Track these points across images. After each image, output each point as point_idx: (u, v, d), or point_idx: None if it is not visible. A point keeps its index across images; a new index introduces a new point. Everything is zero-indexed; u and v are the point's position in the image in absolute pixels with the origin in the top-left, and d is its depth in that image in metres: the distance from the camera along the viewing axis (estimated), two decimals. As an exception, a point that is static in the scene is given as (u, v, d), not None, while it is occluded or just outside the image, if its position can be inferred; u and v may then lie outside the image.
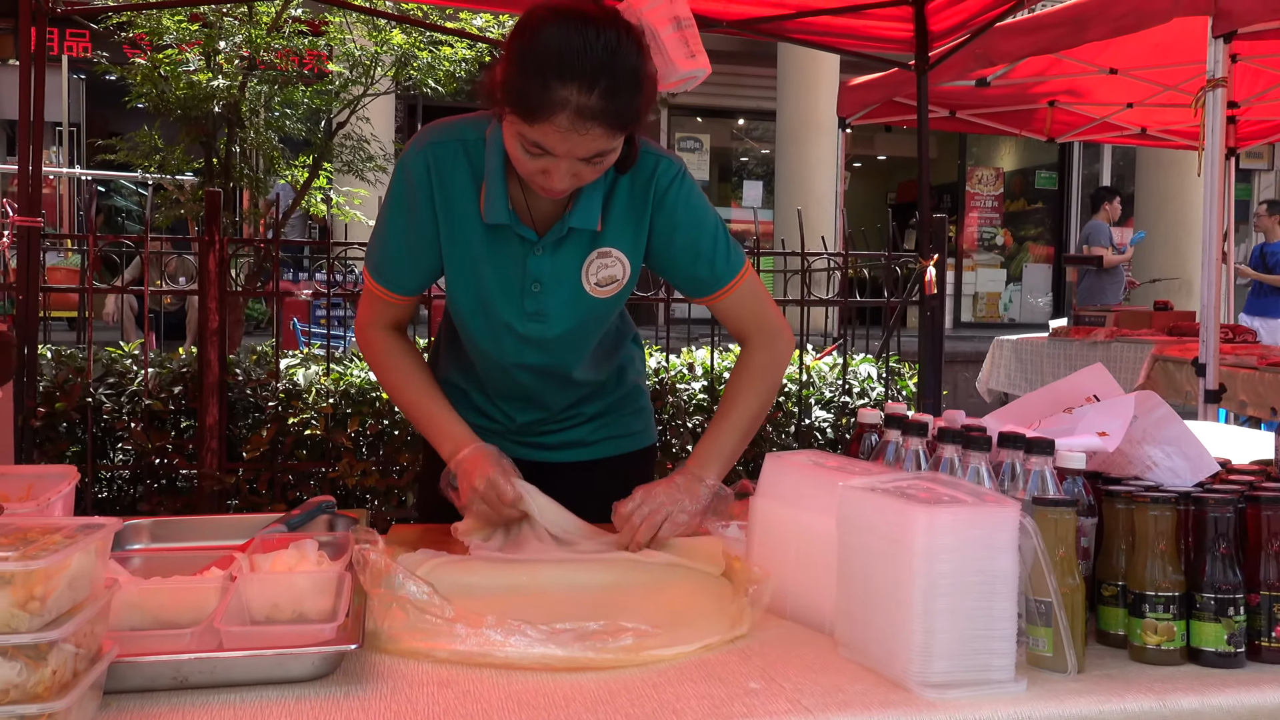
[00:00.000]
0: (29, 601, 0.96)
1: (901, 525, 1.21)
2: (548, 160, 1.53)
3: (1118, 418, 1.47)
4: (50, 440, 4.01)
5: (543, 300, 1.73)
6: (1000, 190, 15.11)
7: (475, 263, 1.72)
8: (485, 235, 1.70)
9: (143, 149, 5.90)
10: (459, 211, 1.70)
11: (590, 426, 1.95)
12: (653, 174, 1.71)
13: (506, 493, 1.67)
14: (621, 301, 1.81)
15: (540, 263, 1.71)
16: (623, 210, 1.72)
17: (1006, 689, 1.19)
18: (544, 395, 1.88)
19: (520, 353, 1.80)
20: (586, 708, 1.13)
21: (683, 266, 1.78)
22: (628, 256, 1.74)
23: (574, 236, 1.71)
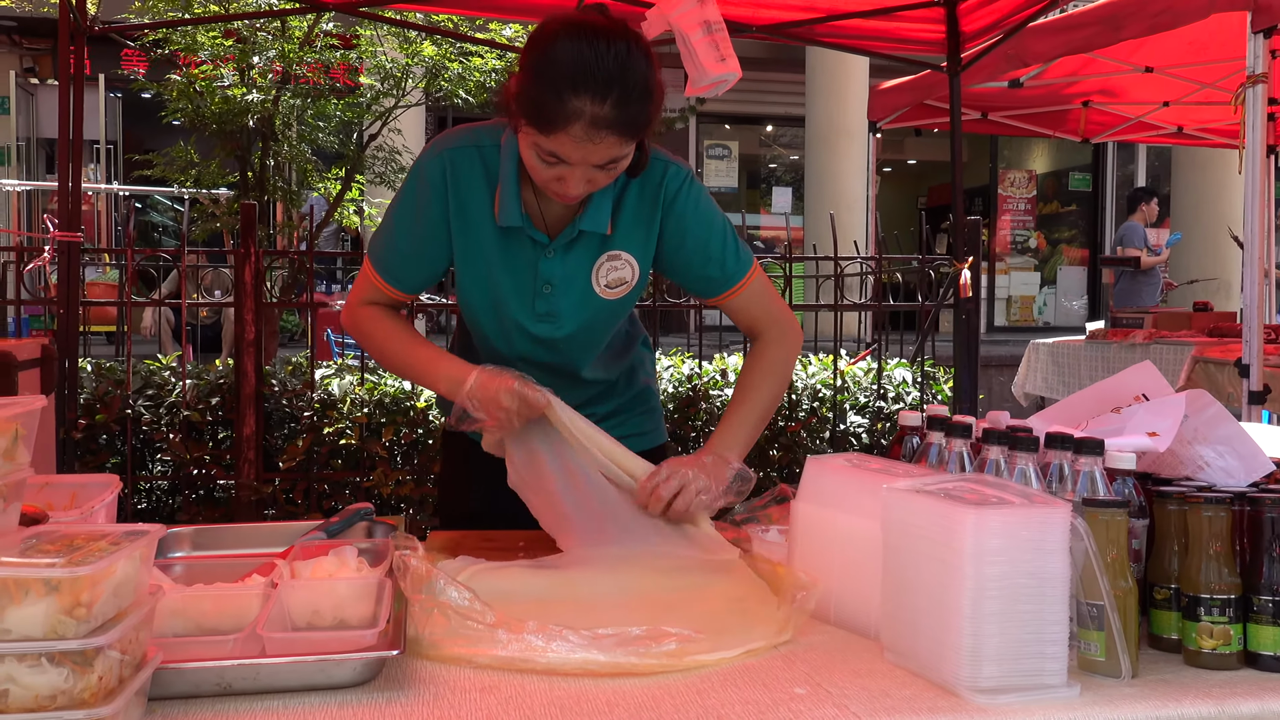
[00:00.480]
0: (75, 608, 0.96)
1: (949, 527, 1.19)
2: (563, 168, 1.58)
3: (1168, 417, 1.44)
4: (91, 452, 4.05)
5: (554, 301, 1.78)
6: (1033, 193, 14.97)
7: (488, 264, 1.77)
8: (498, 238, 1.76)
9: (179, 164, 5.96)
10: (473, 215, 1.75)
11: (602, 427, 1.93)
12: (662, 179, 1.76)
13: (538, 400, 1.67)
14: (631, 304, 1.85)
15: (551, 265, 1.76)
16: (632, 214, 1.77)
17: (1059, 694, 1.17)
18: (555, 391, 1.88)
19: (532, 352, 1.84)
20: (630, 713, 1.12)
21: (695, 268, 1.83)
22: (637, 259, 1.79)
23: (584, 239, 1.76)
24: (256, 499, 4.02)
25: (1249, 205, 4.04)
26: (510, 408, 1.67)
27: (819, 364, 4.89)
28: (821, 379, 4.70)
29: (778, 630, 1.35)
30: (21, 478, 1.11)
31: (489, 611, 1.28)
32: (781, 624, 1.36)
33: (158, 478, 4.18)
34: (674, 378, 4.55)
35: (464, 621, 1.28)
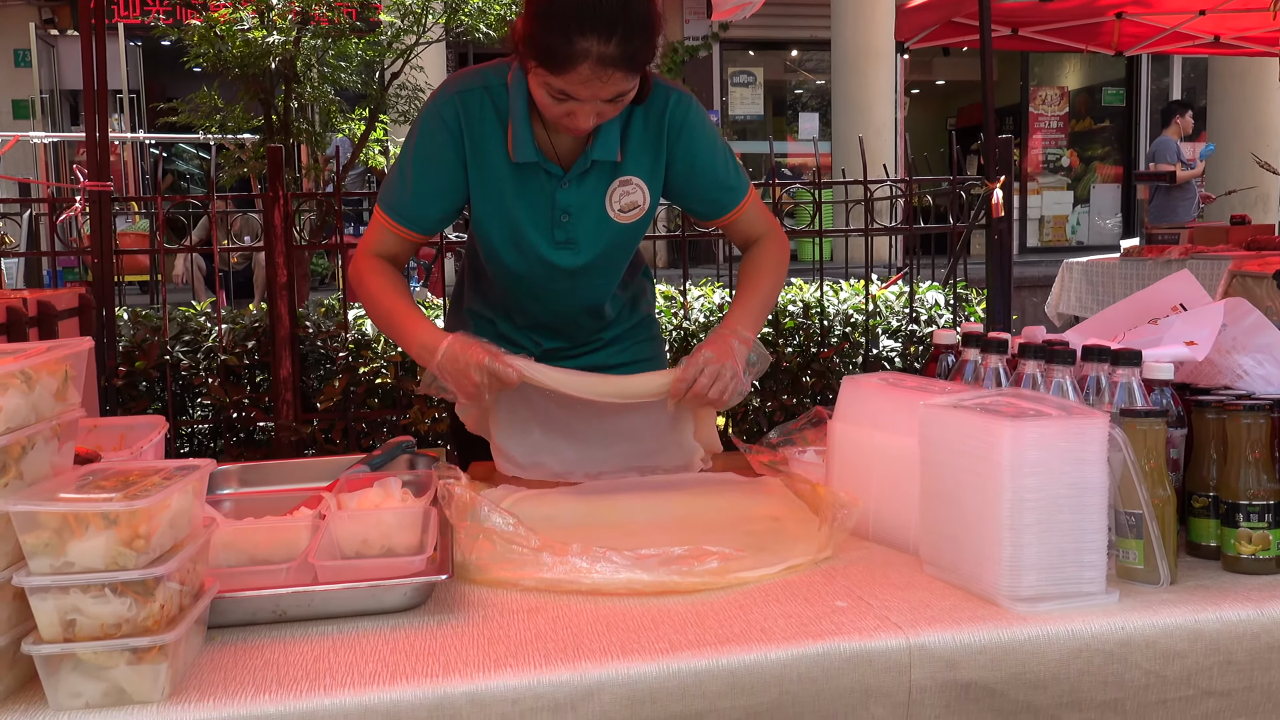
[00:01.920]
0: (134, 540, 0.99)
1: (987, 441, 1.19)
2: (573, 104, 1.63)
3: (1206, 326, 1.43)
4: (132, 399, 4.12)
5: (571, 229, 1.83)
6: (1065, 110, 14.68)
7: (506, 199, 1.81)
8: (514, 173, 1.80)
9: (203, 110, 5.95)
10: (488, 153, 1.79)
11: (608, 352, 2.03)
12: (665, 107, 1.81)
13: (508, 376, 1.68)
14: (644, 228, 1.90)
15: (567, 195, 1.81)
16: (639, 141, 1.82)
17: (1098, 601, 1.18)
18: (573, 324, 1.98)
19: (552, 279, 1.88)
20: (676, 629, 1.14)
21: (703, 191, 1.89)
22: (647, 184, 1.84)
23: (596, 168, 1.81)
24: (296, 439, 4.08)
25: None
26: (479, 382, 1.68)
27: (850, 289, 4.86)
28: (853, 304, 4.68)
29: (818, 547, 1.37)
30: (73, 417, 1.14)
31: (533, 536, 1.30)
32: (822, 542, 1.38)
33: (199, 422, 4.25)
34: (704, 307, 4.54)
35: (509, 546, 1.30)
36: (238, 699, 1.01)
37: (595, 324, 1.99)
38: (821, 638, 1.11)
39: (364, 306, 1.88)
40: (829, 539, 1.37)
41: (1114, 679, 1.15)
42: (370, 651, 1.11)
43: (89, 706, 0.99)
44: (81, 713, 0.99)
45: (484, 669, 1.06)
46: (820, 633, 1.12)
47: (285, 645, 1.13)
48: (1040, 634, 1.13)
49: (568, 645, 1.11)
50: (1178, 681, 1.16)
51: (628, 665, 1.07)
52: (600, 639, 1.12)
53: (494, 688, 1.04)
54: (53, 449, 1.10)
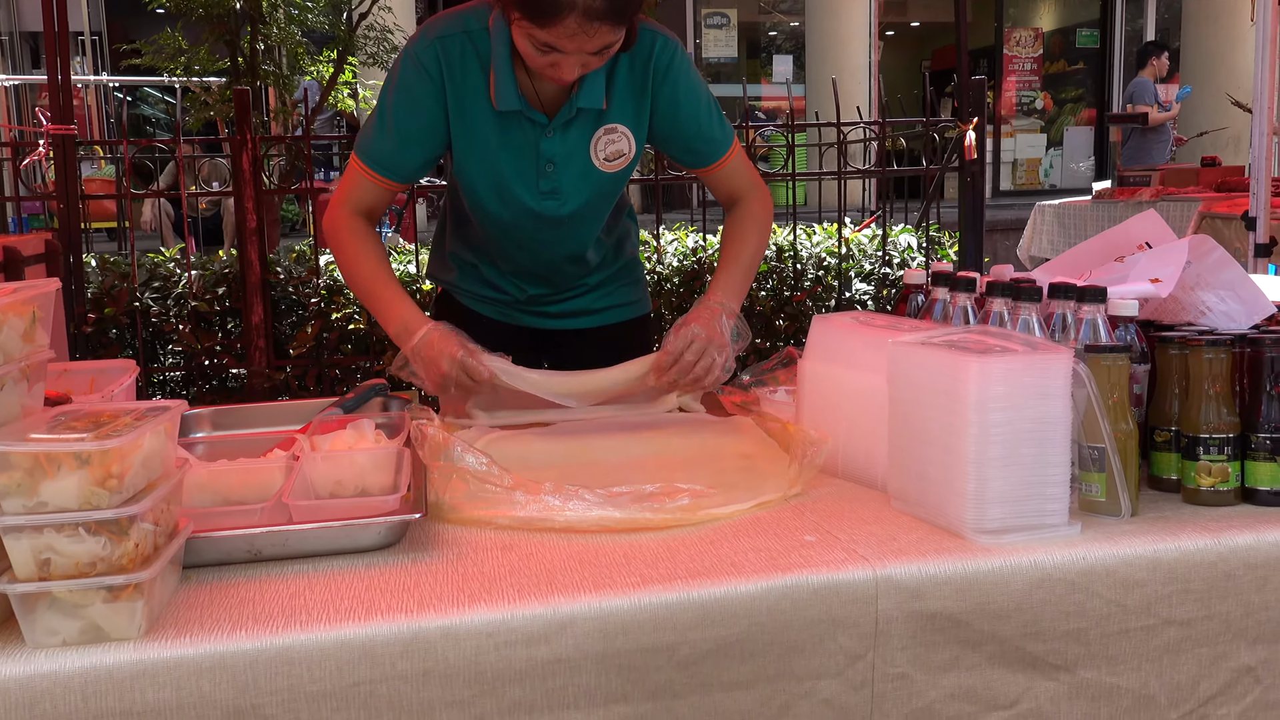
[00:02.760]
0: (107, 479, 1.00)
1: (953, 377, 1.21)
2: (557, 56, 1.59)
3: (1171, 264, 1.45)
4: (103, 345, 4.09)
5: (556, 179, 1.80)
6: (1039, 52, 14.62)
7: (489, 148, 1.78)
8: (497, 121, 1.76)
9: (167, 52, 5.83)
10: (470, 99, 1.75)
11: (592, 296, 2.04)
12: (651, 52, 1.77)
13: (480, 372, 1.68)
14: (627, 177, 1.87)
15: (552, 144, 1.78)
16: (625, 88, 1.79)
17: (1060, 532, 1.21)
18: (556, 270, 1.97)
19: (537, 229, 1.86)
20: (647, 563, 1.16)
21: (686, 139, 1.86)
22: (632, 131, 1.81)
23: (581, 116, 1.77)
24: (269, 386, 4.07)
25: (1259, 52, 3.96)
26: (448, 374, 1.68)
27: (824, 233, 4.87)
28: (826, 247, 4.69)
29: (788, 484, 1.39)
30: (43, 358, 1.13)
31: (506, 475, 1.32)
32: (792, 478, 1.40)
33: (170, 369, 4.23)
34: (678, 251, 4.54)
35: (482, 485, 1.32)
36: (214, 635, 1.02)
37: (579, 270, 1.99)
38: (789, 571, 1.13)
39: (341, 270, 1.85)
40: (799, 476, 1.39)
41: (1076, 609, 1.18)
42: (345, 589, 1.12)
43: (66, 644, 1.00)
44: (59, 650, 1.00)
45: (458, 604, 1.08)
46: (788, 566, 1.14)
47: (261, 584, 1.14)
48: (1003, 565, 1.16)
49: (541, 580, 1.13)
50: (1138, 610, 1.20)
51: (600, 599, 1.09)
52: (573, 574, 1.14)
53: (468, 622, 1.06)
54: (22, 390, 1.10)
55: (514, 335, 2.04)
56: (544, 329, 2.05)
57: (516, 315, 2.03)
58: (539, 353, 2.10)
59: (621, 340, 2.03)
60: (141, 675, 0.99)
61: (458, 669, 1.05)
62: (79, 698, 0.98)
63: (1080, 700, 1.20)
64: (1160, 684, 1.22)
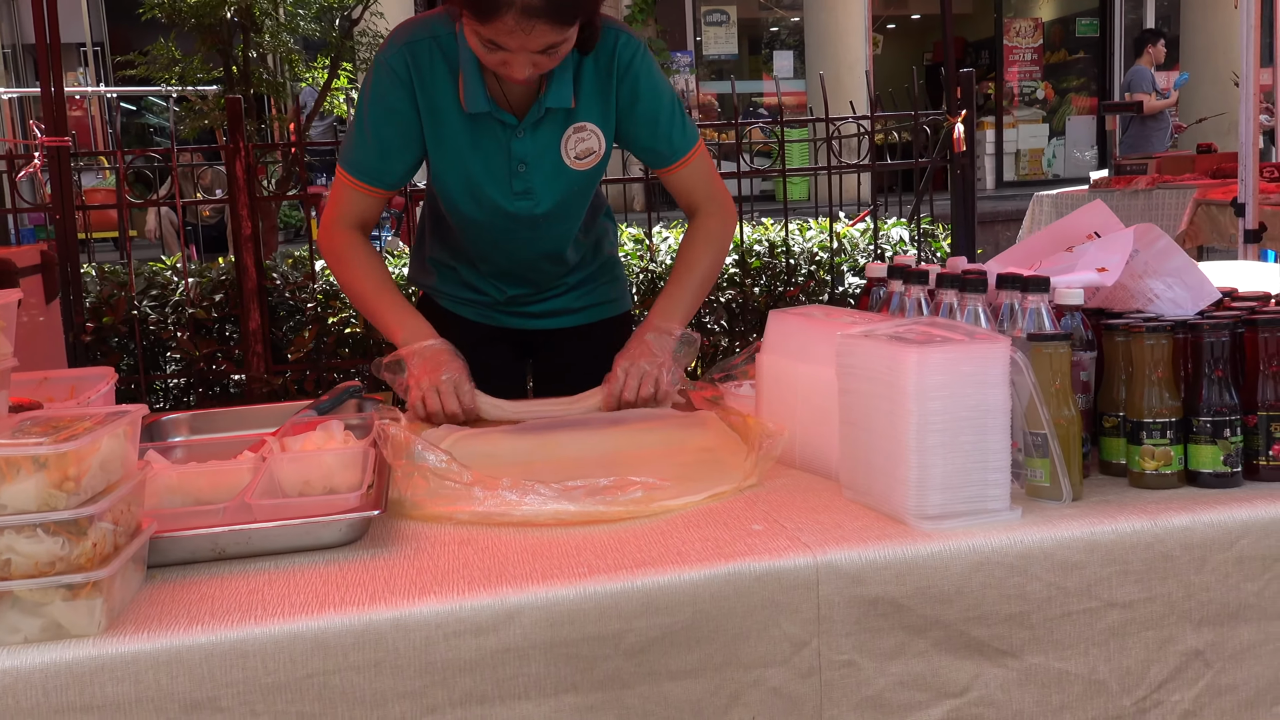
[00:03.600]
0: (64, 482, 1.03)
1: (893, 367, 1.24)
2: (505, 54, 1.62)
3: (1117, 253, 1.47)
4: (103, 355, 4.14)
5: (529, 179, 1.84)
6: (1039, 42, 14.60)
7: (461, 150, 1.82)
8: (468, 124, 1.80)
9: (161, 61, 5.89)
10: (441, 104, 1.79)
11: (572, 296, 2.07)
12: (614, 50, 1.80)
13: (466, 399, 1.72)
14: (600, 174, 1.90)
15: (523, 144, 1.82)
16: (591, 86, 1.82)
17: (1001, 517, 1.24)
18: (534, 271, 2.00)
19: (512, 231, 1.89)
20: (597, 554, 1.19)
21: (644, 139, 1.89)
22: (601, 129, 1.85)
23: (550, 116, 1.81)
24: (268, 391, 4.12)
25: (1244, 39, 3.97)
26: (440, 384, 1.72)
27: (818, 228, 4.89)
28: (819, 242, 4.71)
29: (744, 475, 1.42)
30: (6, 367, 1.17)
31: (465, 471, 1.35)
32: (748, 470, 1.43)
33: (171, 376, 4.28)
34: (670, 250, 4.57)
35: (442, 482, 1.35)
36: (171, 630, 1.06)
37: (557, 269, 2.02)
38: (733, 558, 1.16)
39: (343, 289, 1.89)
40: (755, 467, 1.42)
41: (1016, 591, 1.21)
42: (303, 584, 1.16)
43: (28, 641, 1.04)
44: (20, 647, 1.03)
45: (409, 596, 1.11)
46: (733, 554, 1.17)
47: (222, 581, 1.18)
48: (942, 549, 1.19)
49: (491, 572, 1.16)
50: (1079, 593, 1.22)
51: (546, 589, 1.12)
52: (523, 566, 1.17)
53: (418, 613, 1.09)
54: (-14, 398, 1.14)
55: (495, 336, 2.08)
56: (524, 329, 2.09)
57: (497, 316, 2.07)
58: (521, 353, 2.14)
59: (602, 338, 2.06)
60: (101, 670, 1.03)
61: (408, 659, 1.08)
62: (40, 692, 1.02)
63: (1031, 687, 1.23)
64: (1110, 669, 1.24)
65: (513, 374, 2.15)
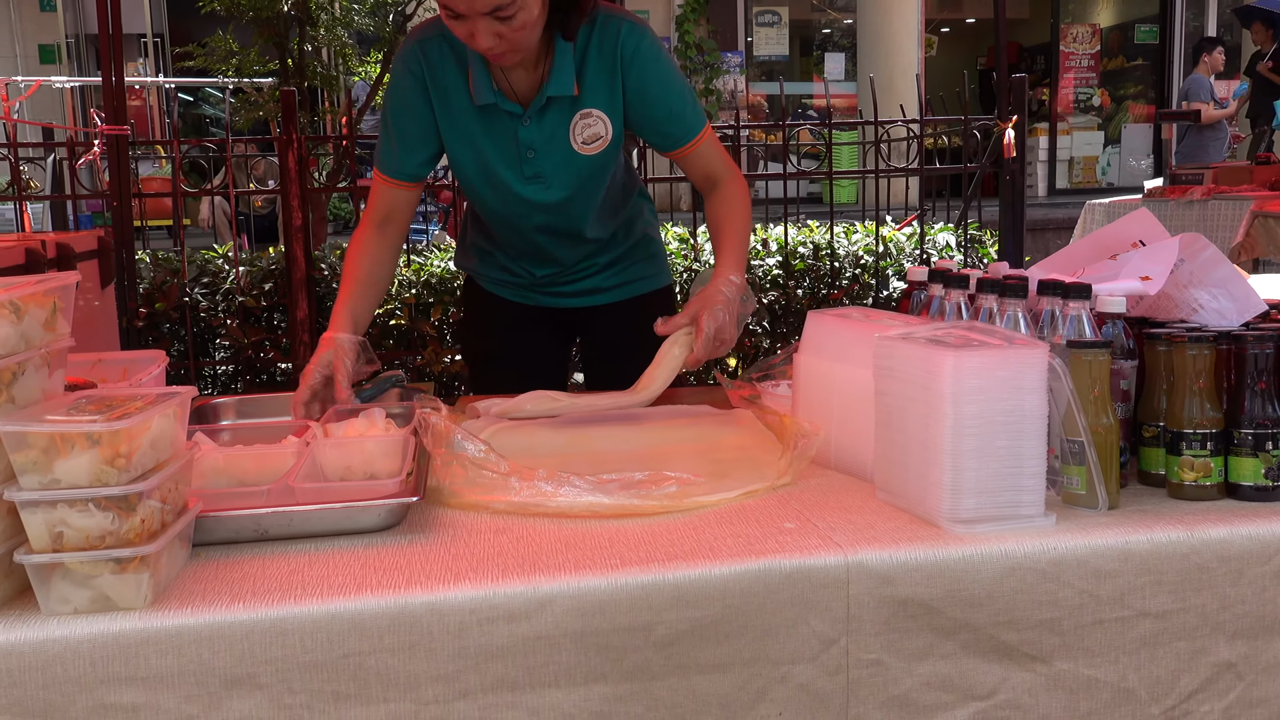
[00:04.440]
0: (115, 459, 1.07)
1: (930, 371, 1.24)
2: (467, 23, 1.68)
3: (1161, 262, 1.46)
4: (154, 340, 4.23)
5: (538, 164, 1.91)
6: (1097, 48, 14.39)
7: (474, 140, 1.91)
8: (478, 115, 1.89)
9: (219, 53, 6.01)
10: (452, 97, 1.88)
11: (603, 275, 2.12)
12: (618, 38, 1.86)
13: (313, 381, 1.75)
14: (612, 158, 1.95)
15: (530, 131, 1.89)
16: (595, 73, 1.88)
17: (1034, 523, 1.24)
18: (556, 251, 2.06)
19: (529, 214, 1.97)
20: (629, 547, 1.21)
21: (657, 122, 1.94)
22: (607, 115, 1.90)
23: (555, 104, 1.88)
24: (314, 380, 4.17)
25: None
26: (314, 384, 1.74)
27: (864, 231, 4.88)
28: (864, 246, 4.70)
29: (778, 474, 1.43)
30: (63, 346, 1.21)
31: (503, 461, 1.37)
32: (782, 469, 1.44)
33: (220, 363, 4.36)
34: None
35: (480, 471, 1.37)
36: (214, 607, 1.09)
37: (583, 249, 2.08)
38: (764, 555, 1.17)
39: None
40: (789, 466, 1.43)
41: (1048, 598, 1.20)
42: (341, 567, 1.18)
43: (77, 612, 1.07)
44: (70, 618, 1.07)
45: (444, 582, 1.13)
46: (764, 551, 1.18)
47: (264, 561, 1.21)
48: (974, 552, 1.19)
49: (525, 561, 1.18)
50: (1111, 601, 1.22)
51: (579, 579, 1.14)
52: (557, 556, 1.19)
53: (453, 598, 1.11)
54: (43, 376, 1.17)
55: (535, 315, 2.16)
56: (562, 308, 2.15)
57: (534, 296, 2.14)
58: (564, 333, 2.22)
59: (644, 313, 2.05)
60: (146, 642, 1.06)
61: (442, 643, 1.11)
62: (88, 662, 1.05)
63: (1059, 692, 1.23)
64: (1139, 678, 1.24)
65: (555, 354, 2.22)
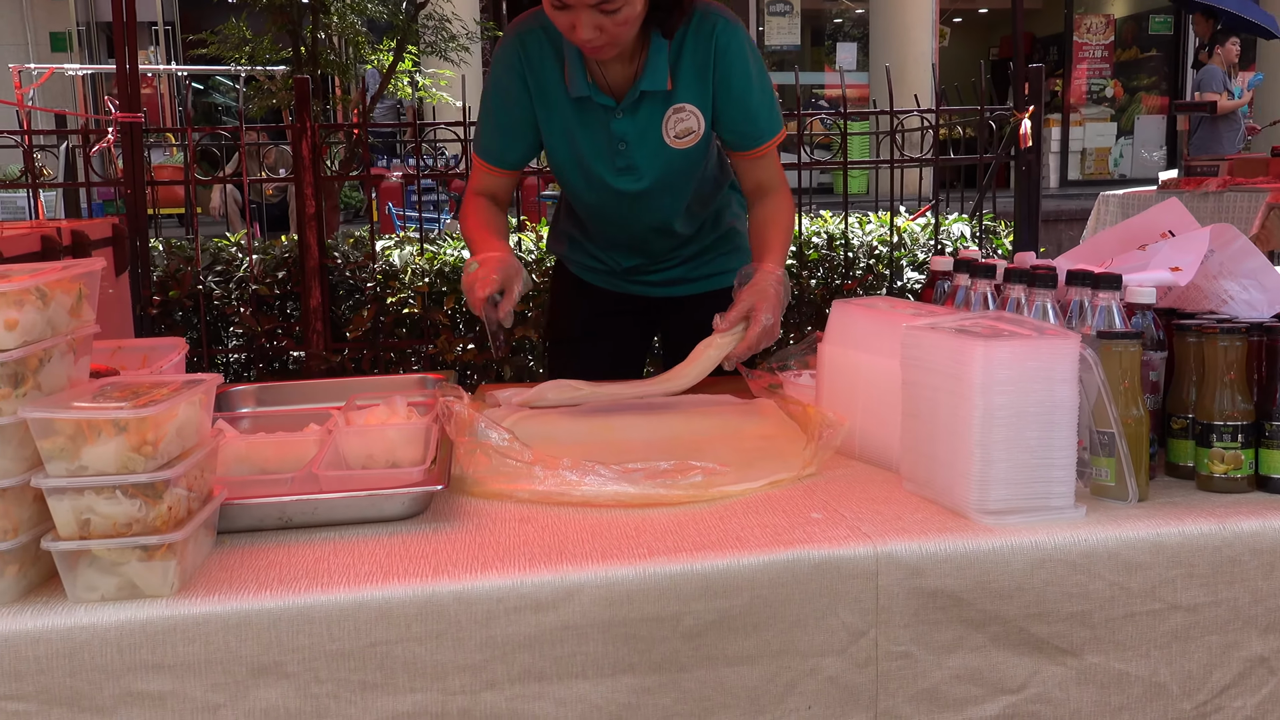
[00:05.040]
0: (142, 446, 1.06)
1: (960, 360, 1.23)
2: (570, 14, 1.70)
3: (1191, 252, 1.45)
4: (167, 328, 4.23)
5: (630, 156, 1.93)
6: (1111, 39, 14.32)
7: (568, 131, 1.93)
8: (573, 107, 1.92)
9: (232, 41, 6.00)
10: (549, 88, 1.92)
11: (687, 267, 2.15)
12: (713, 34, 1.87)
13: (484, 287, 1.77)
14: (703, 152, 1.96)
15: (622, 124, 1.91)
16: (689, 68, 1.89)
17: (1064, 515, 1.23)
18: (645, 243, 2.09)
19: (620, 205, 2.00)
20: (656, 537, 1.20)
21: (733, 120, 1.93)
22: (700, 110, 1.91)
23: (648, 98, 1.89)
24: (326, 368, 4.18)
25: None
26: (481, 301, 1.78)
27: (877, 221, 4.86)
28: (879, 236, 4.68)
29: (803, 464, 1.42)
30: (88, 333, 1.20)
31: (527, 450, 1.36)
32: (807, 459, 1.43)
33: (232, 351, 4.36)
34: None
35: (504, 460, 1.37)
36: (241, 594, 1.08)
37: (669, 241, 2.10)
38: (792, 545, 1.16)
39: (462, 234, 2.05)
40: (814, 456, 1.42)
41: (1079, 590, 1.19)
42: (367, 555, 1.18)
43: (104, 599, 1.07)
44: (97, 605, 1.06)
45: (471, 570, 1.13)
46: (792, 541, 1.17)
47: (289, 549, 1.21)
48: (1004, 544, 1.18)
49: (552, 550, 1.17)
50: (1142, 594, 1.21)
51: (607, 568, 1.13)
52: (584, 545, 1.18)
53: (480, 587, 1.11)
54: (69, 362, 1.17)
55: (620, 302, 2.20)
56: (647, 296, 2.19)
57: (620, 284, 2.18)
58: (648, 320, 2.25)
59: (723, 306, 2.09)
60: (173, 630, 1.06)
61: (469, 632, 1.10)
62: (115, 650, 1.05)
63: (1089, 686, 1.22)
64: (1171, 672, 1.23)
65: (637, 342, 2.27)
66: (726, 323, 1.77)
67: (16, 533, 1.07)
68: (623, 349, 2.21)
